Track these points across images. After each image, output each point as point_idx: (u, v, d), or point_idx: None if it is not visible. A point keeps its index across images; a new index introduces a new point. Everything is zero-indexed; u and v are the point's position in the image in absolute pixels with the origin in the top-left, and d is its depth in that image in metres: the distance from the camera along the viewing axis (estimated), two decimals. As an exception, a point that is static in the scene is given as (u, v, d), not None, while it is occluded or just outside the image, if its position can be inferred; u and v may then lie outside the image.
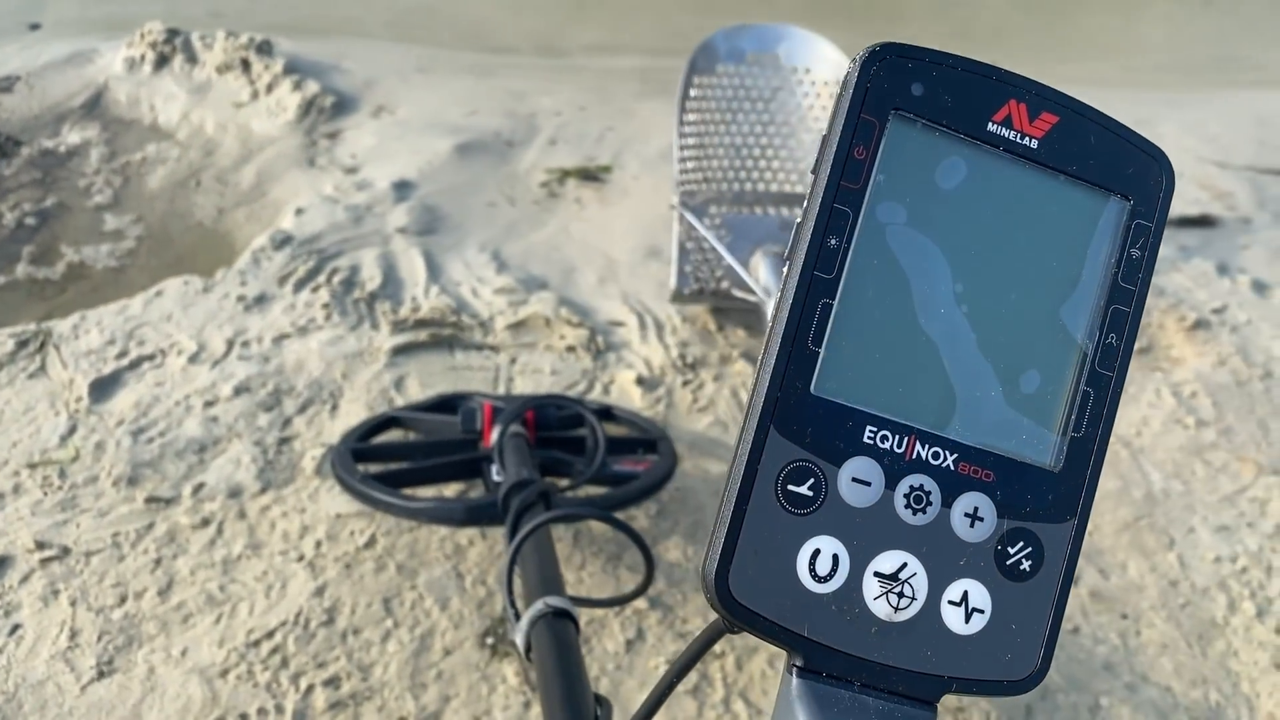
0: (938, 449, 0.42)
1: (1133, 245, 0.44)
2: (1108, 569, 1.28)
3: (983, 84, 0.42)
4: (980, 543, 0.42)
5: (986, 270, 0.43)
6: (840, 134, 0.41)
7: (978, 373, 0.43)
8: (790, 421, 0.41)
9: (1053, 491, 0.43)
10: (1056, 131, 0.43)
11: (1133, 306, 0.44)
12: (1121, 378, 0.43)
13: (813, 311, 0.41)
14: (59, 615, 1.17)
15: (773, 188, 1.62)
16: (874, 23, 2.71)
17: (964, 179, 0.42)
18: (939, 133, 0.42)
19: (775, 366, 0.41)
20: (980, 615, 0.42)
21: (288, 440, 1.39)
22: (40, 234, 1.99)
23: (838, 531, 0.41)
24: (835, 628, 0.41)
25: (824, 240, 0.40)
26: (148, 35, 2.42)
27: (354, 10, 2.73)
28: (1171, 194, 0.44)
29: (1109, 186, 0.44)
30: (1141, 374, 1.56)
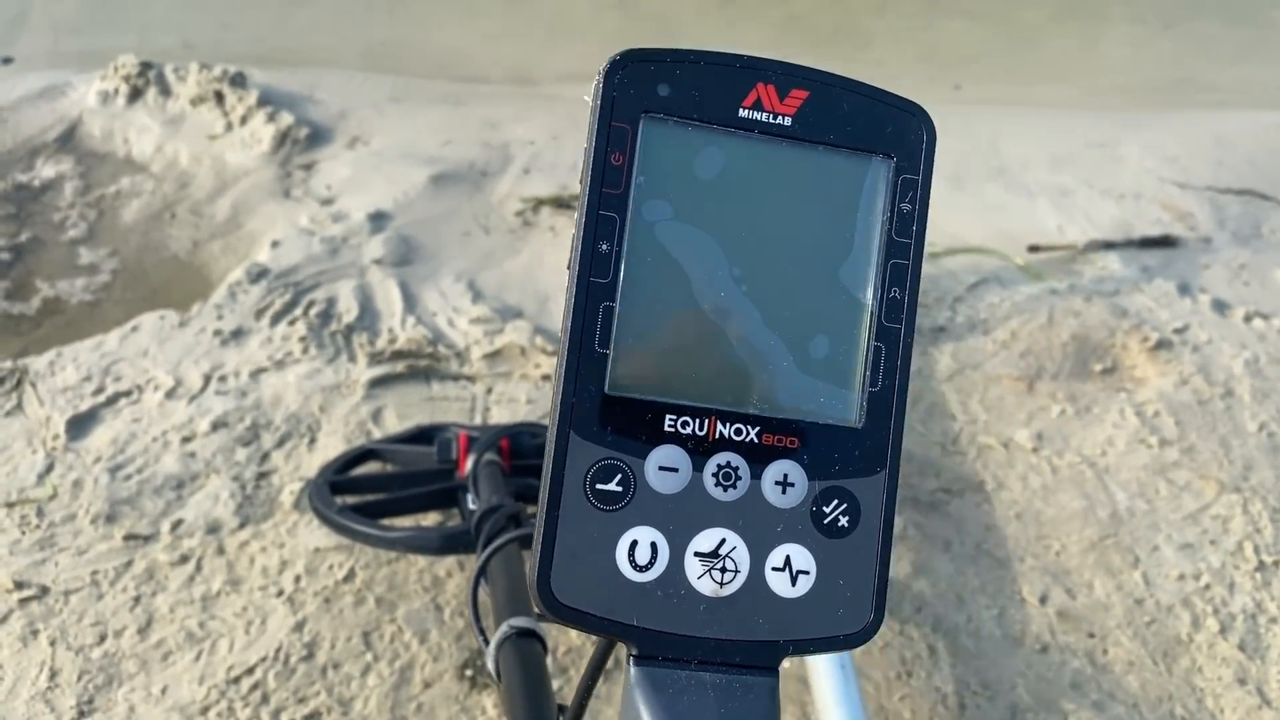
0: (740, 425, 0.43)
1: (902, 200, 0.45)
2: (1074, 588, 1.31)
3: (728, 73, 0.44)
4: (795, 507, 0.43)
5: (760, 248, 0.44)
6: (595, 144, 0.42)
7: (767, 346, 0.44)
8: (589, 424, 0.42)
9: (859, 447, 0.44)
10: (809, 106, 0.44)
11: (911, 259, 0.45)
12: (910, 329, 0.44)
13: (595, 315, 0.42)
14: (38, 655, 1.18)
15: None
16: (841, 48, 2.75)
17: (723, 167, 0.44)
18: (692, 127, 0.43)
19: (567, 373, 0.42)
20: (806, 577, 0.43)
21: (266, 475, 1.40)
22: (15, 269, 1.99)
23: (652, 520, 0.42)
24: (663, 612, 0.42)
25: (595, 247, 0.42)
26: (121, 68, 2.43)
27: (327, 40, 2.75)
28: (934, 145, 0.46)
29: (870, 148, 0.45)
30: (1105, 394, 1.59)
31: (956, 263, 1.92)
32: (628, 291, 0.43)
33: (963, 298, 1.81)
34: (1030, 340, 1.69)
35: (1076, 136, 2.42)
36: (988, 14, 2.99)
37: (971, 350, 1.68)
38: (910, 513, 1.40)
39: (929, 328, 1.72)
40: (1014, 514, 1.41)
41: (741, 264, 0.44)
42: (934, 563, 1.33)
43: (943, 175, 2.22)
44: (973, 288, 1.84)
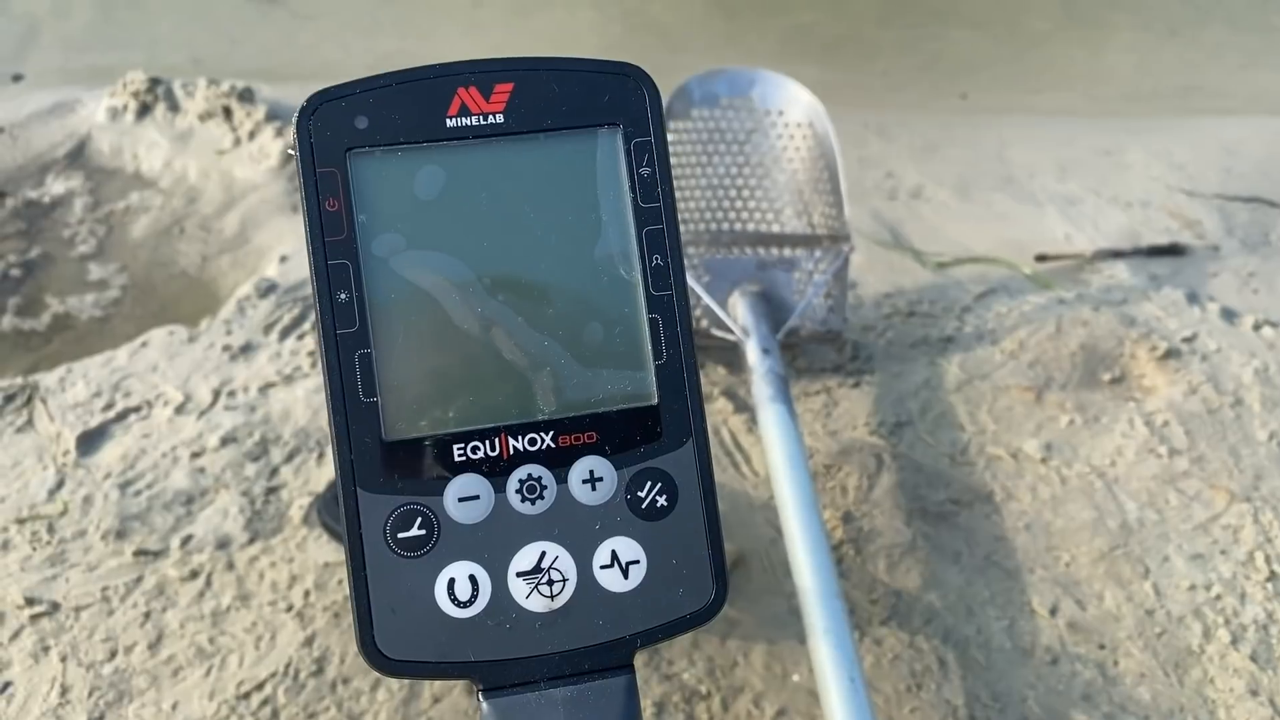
0: (533, 434, 0.42)
1: (640, 166, 0.44)
2: (1084, 599, 1.30)
3: (425, 87, 0.43)
4: (609, 500, 0.42)
5: (507, 253, 0.43)
6: (305, 195, 0.42)
7: (540, 348, 0.43)
8: (375, 476, 0.41)
9: (659, 423, 0.43)
10: (517, 97, 0.43)
11: (665, 222, 0.43)
12: (682, 292, 0.43)
13: (353, 366, 0.41)
14: (50, 671, 1.18)
15: (749, 227, 1.65)
16: (846, 59, 2.75)
17: (445, 182, 0.43)
18: (402, 151, 0.42)
19: (338, 430, 0.41)
20: (637, 566, 0.42)
21: (275, 490, 1.40)
22: (25, 285, 2.00)
23: (465, 553, 0.41)
24: (499, 640, 0.41)
25: (334, 298, 0.41)
26: (130, 84, 2.45)
27: (334, 54, 2.76)
28: (660, 101, 0.44)
29: (593, 122, 0.44)
30: (1114, 404, 1.59)
31: (964, 272, 1.92)
32: (380, 334, 0.41)
33: (970, 308, 1.81)
34: (1038, 350, 1.69)
35: (1083, 144, 2.42)
36: (993, 23, 2.99)
37: (979, 360, 1.67)
38: (919, 524, 1.40)
39: (936, 338, 1.72)
40: (1023, 525, 1.40)
41: (491, 274, 0.42)
42: (943, 574, 1.33)
43: (948, 184, 2.22)
44: (980, 297, 1.83)
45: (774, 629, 1.26)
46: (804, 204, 1.67)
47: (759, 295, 1.55)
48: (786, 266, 1.60)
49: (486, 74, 0.43)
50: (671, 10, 3.05)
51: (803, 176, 1.68)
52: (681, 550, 0.43)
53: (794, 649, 1.24)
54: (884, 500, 1.43)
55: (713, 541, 0.43)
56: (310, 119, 0.42)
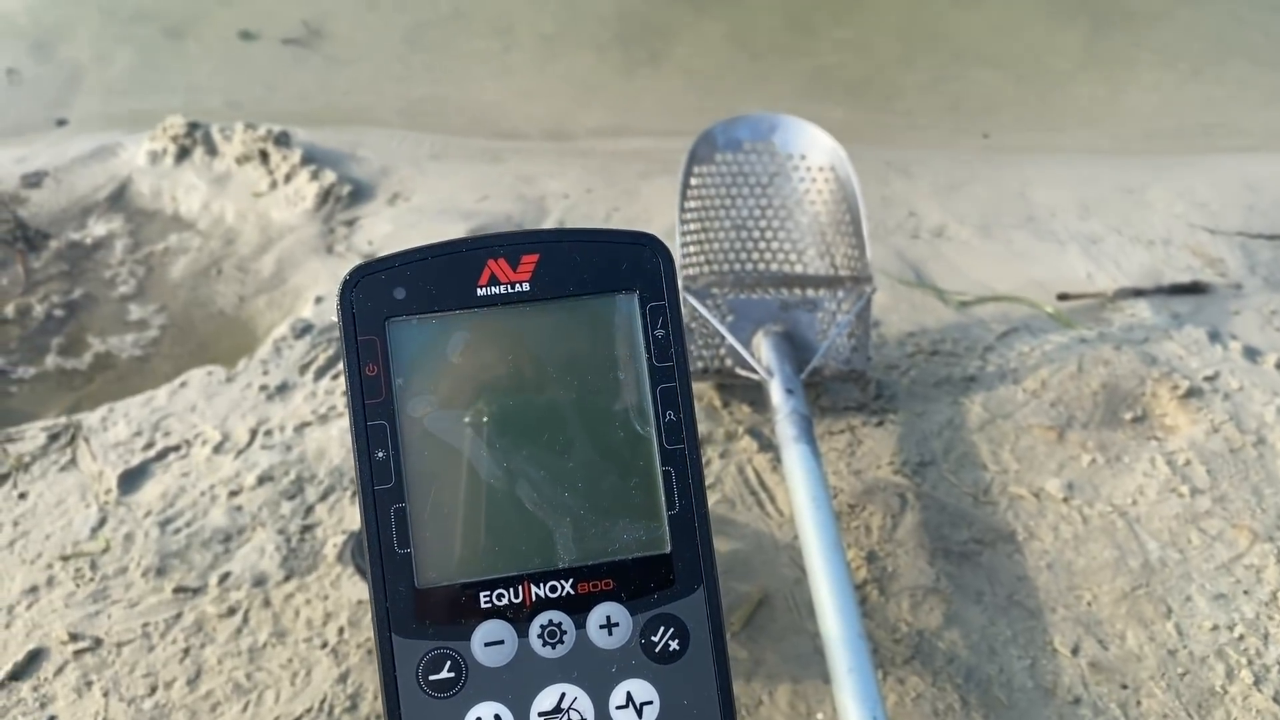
0: (554, 582, 0.45)
1: (655, 328, 0.47)
2: (1106, 639, 1.31)
3: (458, 260, 0.46)
4: (624, 645, 0.45)
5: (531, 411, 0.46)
6: (348, 360, 0.45)
7: (561, 501, 0.46)
8: (408, 622, 0.44)
9: (672, 571, 0.46)
10: (542, 266, 0.46)
11: (678, 379, 0.47)
12: (694, 447, 0.46)
13: (389, 520, 0.44)
14: (92, 706, 1.21)
15: (772, 268, 1.69)
16: (871, 99, 2.79)
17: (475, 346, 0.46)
18: (436, 319, 0.46)
19: (374, 580, 0.44)
20: (650, 707, 0.45)
21: (310, 528, 1.44)
22: (68, 325, 2.06)
23: (491, 695, 0.44)
24: None
25: (372, 456, 0.44)
26: (169, 128, 2.52)
27: (367, 99, 2.82)
28: (673, 267, 0.48)
29: (611, 288, 0.47)
30: (1136, 443, 1.60)
31: (986, 311, 1.94)
32: (414, 490, 0.45)
33: (993, 346, 1.83)
34: (1060, 389, 1.71)
35: (1105, 183, 2.44)
36: (1015, 63, 3.02)
37: (1002, 400, 1.69)
38: (942, 564, 1.41)
39: (959, 377, 1.74)
40: (1045, 564, 1.42)
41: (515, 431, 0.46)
42: (966, 614, 1.35)
43: (971, 223, 2.24)
44: (1002, 336, 1.85)
45: (798, 668, 1.28)
46: (826, 245, 1.70)
47: (782, 335, 1.58)
48: (810, 307, 1.63)
49: (514, 246, 0.46)
50: (697, 53, 3.10)
51: (825, 219, 1.71)
52: (692, 691, 0.45)
53: (818, 688, 1.25)
54: (907, 540, 1.45)
55: (721, 683, 0.45)
56: (353, 291, 0.45)
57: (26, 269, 2.25)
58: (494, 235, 0.47)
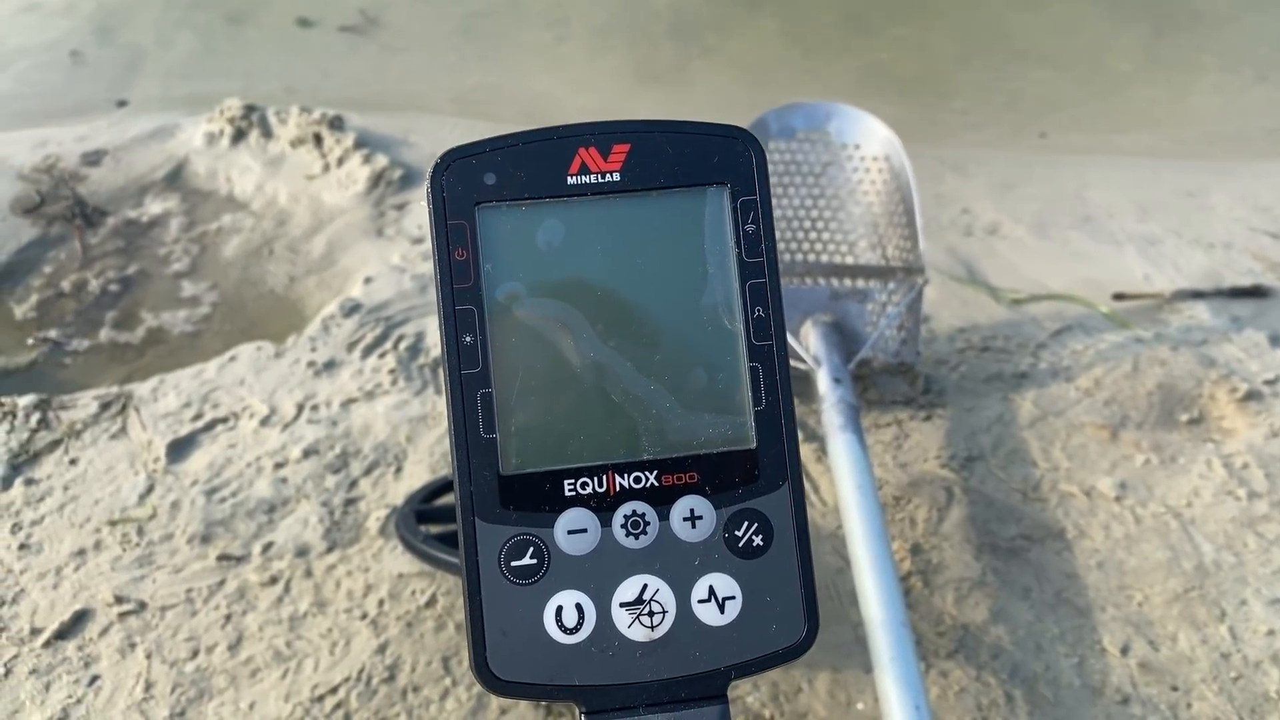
0: (638, 473, 0.45)
1: (745, 223, 0.46)
2: (1157, 640, 1.28)
3: (549, 146, 0.46)
4: (707, 538, 0.45)
5: (618, 302, 0.46)
6: (436, 244, 0.45)
7: (648, 392, 0.45)
8: (491, 507, 0.44)
9: (757, 467, 0.45)
10: (633, 157, 0.46)
11: (768, 276, 0.46)
12: (782, 344, 0.45)
13: (474, 405, 0.44)
14: (135, 667, 1.22)
15: (823, 258, 1.67)
16: (924, 96, 2.76)
17: (565, 235, 0.46)
18: (526, 206, 0.45)
19: (459, 464, 0.44)
20: (733, 602, 0.44)
21: (353, 501, 1.44)
22: (122, 300, 2.09)
23: (572, 583, 0.44)
24: (602, 666, 0.43)
25: (459, 340, 0.44)
26: (226, 111, 2.54)
27: (420, 87, 2.84)
28: (765, 161, 0.47)
29: (701, 181, 0.46)
30: (1191, 445, 1.57)
31: (1039, 309, 1.91)
32: (500, 375, 0.44)
33: (1045, 344, 1.79)
34: (1115, 388, 1.67)
35: (1165, 185, 2.39)
36: (1074, 63, 2.97)
37: (1054, 397, 1.66)
38: (989, 558, 1.39)
39: (1010, 374, 1.72)
40: (1095, 563, 1.39)
41: (604, 321, 0.45)
42: (1012, 609, 1.32)
43: (1025, 222, 2.21)
44: (1056, 335, 1.82)
45: (839, 657, 1.26)
46: (878, 236, 1.68)
47: (831, 325, 1.56)
48: (860, 298, 1.61)
49: (606, 135, 0.46)
50: (750, 47, 3.08)
51: (878, 209, 1.69)
52: (775, 588, 0.45)
53: (858, 678, 1.24)
54: (953, 534, 1.43)
55: (805, 580, 0.45)
56: (443, 175, 0.45)
57: (84, 245, 2.28)
58: (586, 124, 0.47)
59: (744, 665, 0.45)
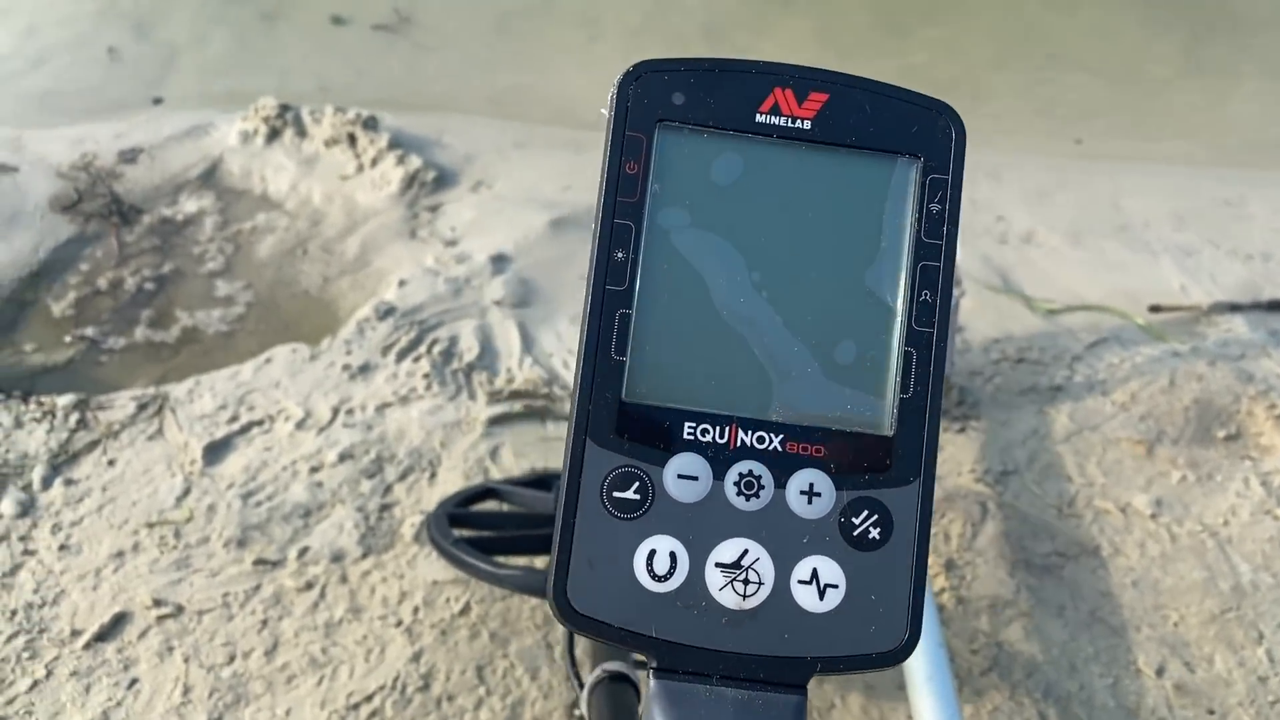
0: (763, 433, 0.42)
1: (931, 200, 0.43)
2: (1193, 662, 1.27)
3: (745, 79, 0.43)
4: (822, 518, 0.42)
5: (781, 254, 0.43)
6: (609, 154, 0.43)
7: (791, 353, 0.43)
8: (606, 431, 0.41)
9: (890, 456, 0.43)
10: (829, 108, 0.44)
11: (942, 260, 0.43)
12: (943, 333, 0.43)
13: (611, 323, 0.42)
14: (173, 671, 1.24)
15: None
16: (958, 100, 2.72)
17: (741, 172, 0.44)
18: (708, 134, 0.43)
19: (583, 381, 0.42)
20: (835, 590, 0.41)
21: (388, 507, 1.45)
22: (157, 299, 2.10)
23: (671, 529, 0.41)
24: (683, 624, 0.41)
25: (611, 255, 0.42)
26: (261, 110, 2.56)
27: (454, 87, 2.84)
28: (964, 142, 0.44)
29: (895, 149, 0.44)
30: (1229, 462, 1.56)
31: (1075, 320, 1.90)
32: (644, 299, 0.42)
33: (1081, 356, 1.78)
34: (1151, 403, 1.66)
35: (1202, 194, 2.37)
36: (1110, 69, 2.95)
37: (1089, 411, 1.65)
38: (1023, 575, 1.38)
39: (1046, 386, 1.71)
40: (1130, 581, 1.38)
41: (762, 269, 0.43)
42: (1046, 627, 1.32)
43: (1060, 230, 2.20)
44: (1091, 347, 1.81)
45: (871, 674, 1.26)
46: (915, 248, 1.67)
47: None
48: (895, 309, 1.60)
49: (804, 80, 0.44)
50: (784, 49, 3.07)
51: (914, 220, 1.68)
52: (883, 586, 0.42)
53: (891, 695, 1.23)
54: (988, 549, 1.42)
55: (916, 587, 0.42)
56: (633, 84, 0.43)
57: (120, 243, 2.30)
58: (788, 64, 0.45)
59: (832, 660, 0.42)
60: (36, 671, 1.24)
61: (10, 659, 1.26)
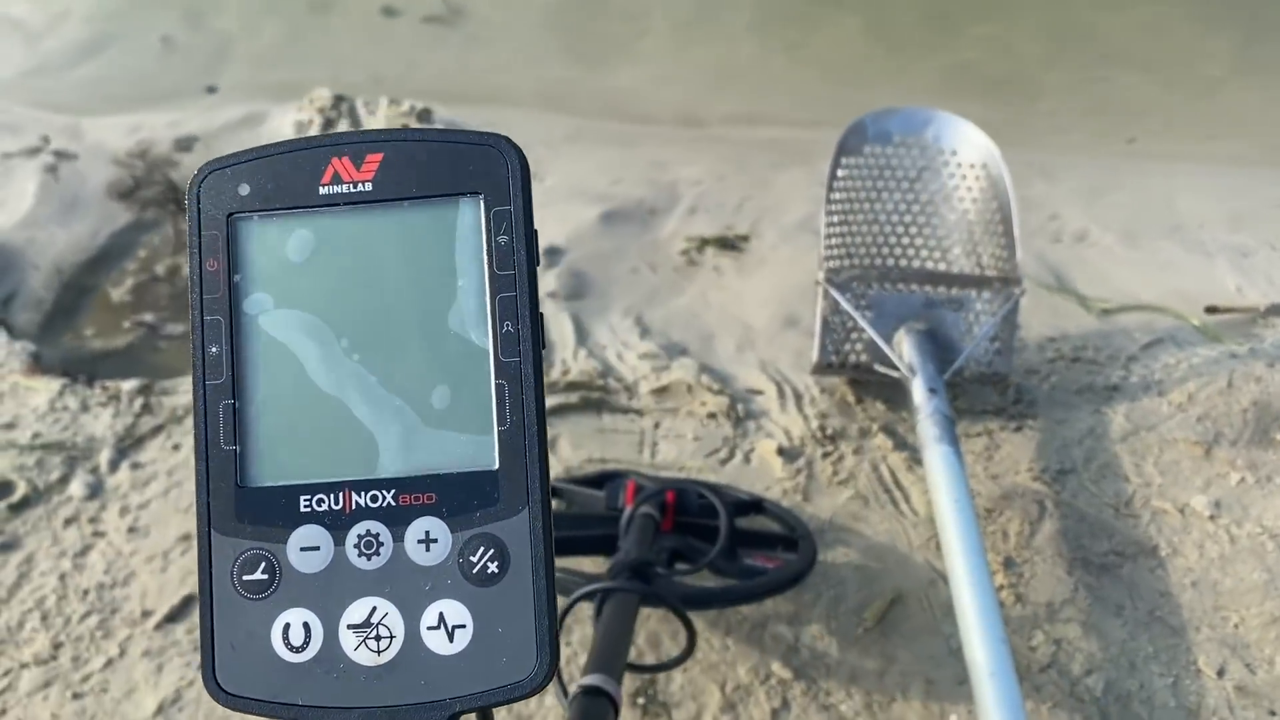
0: (375, 491, 0.43)
1: (498, 234, 0.44)
2: (1254, 663, 1.27)
3: (302, 156, 0.45)
4: (441, 563, 0.43)
5: (365, 316, 0.45)
6: (191, 254, 0.44)
7: (389, 409, 0.44)
8: (228, 519, 0.43)
9: (497, 489, 0.43)
10: (386, 166, 0.45)
11: (519, 290, 0.44)
12: (531, 360, 0.44)
13: (217, 415, 0.43)
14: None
15: (915, 264, 1.67)
16: (1011, 98, 2.73)
17: (314, 246, 0.45)
18: (277, 217, 0.45)
19: (199, 475, 0.43)
20: (463, 630, 0.43)
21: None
22: (215, 286, 2.13)
23: (302, 601, 0.43)
24: (326, 688, 0.42)
25: (206, 350, 0.44)
26: (316, 100, 2.59)
27: (506, 80, 2.86)
28: (524, 171, 0.45)
29: (455, 191, 0.45)
30: (1290, 465, 1.55)
31: (1130, 320, 1.89)
32: (244, 387, 0.44)
33: (1136, 357, 1.78)
34: (1208, 404, 1.65)
35: (1258, 195, 2.35)
36: (1164, 67, 2.92)
37: (1146, 411, 1.65)
38: (1081, 574, 1.38)
39: (1102, 386, 1.70)
40: (1189, 582, 1.38)
41: (349, 335, 0.44)
42: (1105, 626, 1.32)
43: (1115, 230, 2.18)
44: (1147, 347, 1.80)
45: (932, 668, 1.27)
46: (973, 244, 1.67)
47: (926, 333, 1.56)
48: (954, 306, 1.61)
49: (360, 145, 0.45)
50: (834, 44, 3.07)
51: (973, 217, 1.68)
52: (509, 619, 0.43)
53: (951, 689, 1.24)
54: (1045, 548, 1.42)
55: (542, 613, 0.43)
56: (200, 185, 0.45)
57: (177, 230, 2.33)
58: (342, 133, 0.46)
59: (468, 698, 0.43)
60: (110, 650, 1.27)
61: (85, 637, 1.29)
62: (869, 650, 1.29)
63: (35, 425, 1.62)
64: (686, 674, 1.25)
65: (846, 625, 1.32)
